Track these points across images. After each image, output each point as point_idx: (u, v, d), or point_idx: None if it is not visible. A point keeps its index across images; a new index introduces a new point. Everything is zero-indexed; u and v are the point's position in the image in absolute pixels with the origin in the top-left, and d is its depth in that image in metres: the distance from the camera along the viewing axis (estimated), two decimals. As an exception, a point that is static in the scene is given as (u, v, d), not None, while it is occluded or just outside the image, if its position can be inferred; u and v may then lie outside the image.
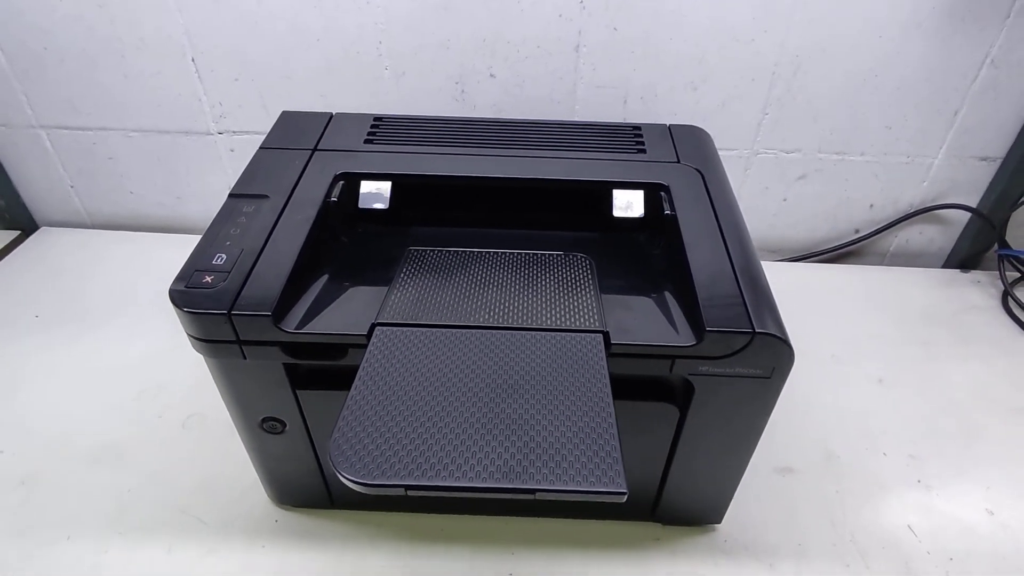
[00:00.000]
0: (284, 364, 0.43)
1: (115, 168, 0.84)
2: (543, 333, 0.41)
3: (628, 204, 0.52)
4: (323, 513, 0.56)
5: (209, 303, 0.40)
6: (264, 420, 0.47)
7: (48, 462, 0.59)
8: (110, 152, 0.83)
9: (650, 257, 0.51)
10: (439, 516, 0.56)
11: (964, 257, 0.87)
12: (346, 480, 0.31)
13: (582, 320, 0.42)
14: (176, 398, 0.65)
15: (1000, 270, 0.82)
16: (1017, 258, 0.82)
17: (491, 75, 0.75)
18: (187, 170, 0.84)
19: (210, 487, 0.57)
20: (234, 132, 0.80)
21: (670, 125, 0.60)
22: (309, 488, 0.53)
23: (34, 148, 0.83)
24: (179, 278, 0.42)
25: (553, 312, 0.43)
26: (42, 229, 0.89)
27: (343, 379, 0.40)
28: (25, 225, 0.89)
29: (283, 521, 0.55)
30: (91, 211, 0.89)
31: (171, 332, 0.70)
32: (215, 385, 0.47)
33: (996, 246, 0.83)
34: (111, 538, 0.53)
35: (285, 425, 0.48)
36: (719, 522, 0.55)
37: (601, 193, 0.52)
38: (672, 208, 0.50)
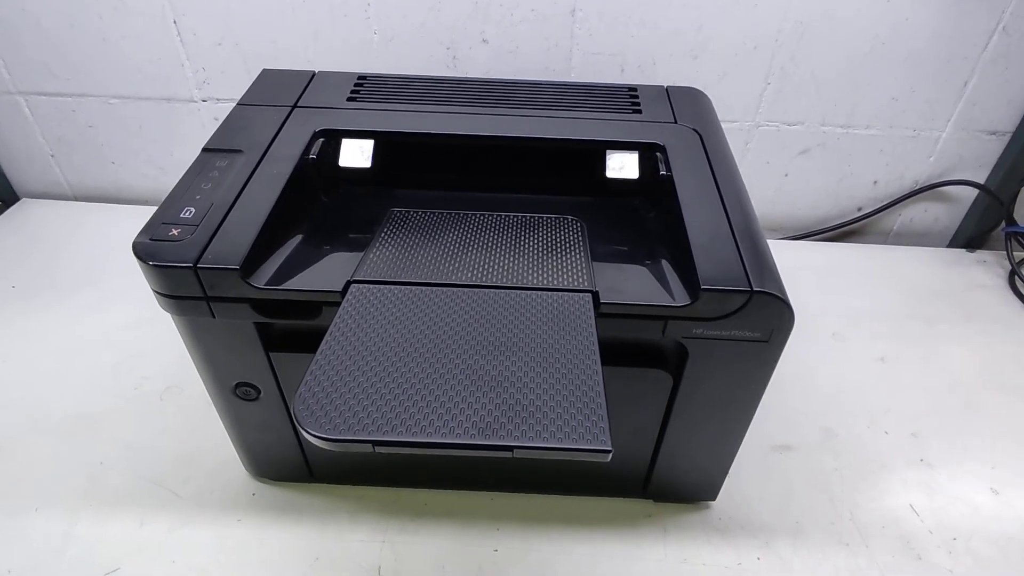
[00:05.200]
0: (255, 324, 0.41)
1: (95, 137, 0.82)
2: (528, 292, 0.39)
3: (622, 165, 0.50)
4: (302, 487, 0.54)
5: (174, 256, 0.38)
6: (237, 386, 0.45)
7: (20, 432, 0.57)
8: (90, 120, 0.80)
9: (644, 221, 0.49)
10: (422, 491, 0.53)
11: (970, 236, 0.84)
12: (309, 436, 0.29)
13: (570, 280, 0.40)
14: (154, 370, 0.63)
15: (1007, 249, 0.80)
16: (1025, 236, 0.80)
17: (483, 40, 0.72)
18: (169, 139, 0.82)
19: (186, 460, 0.55)
20: (218, 99, 0.78)
21: (667, 87, 0.58)
22: (287, 460, 0.51)
23: (12, 115, 0.80)
24: (144, 231, 0.40)
25: (540, 273, 0.41)
26: (22, 200, 0.87)
27: (318, 341, 0.38)
28: (5, 196, 0.87)
29: (260, 494, 0.53)
30: (72, 182, 0.87)
31: (150, 304, 0.67)
32: (190, 355, 0.44)
33: (1003, 224, 0.81)
34: (81, 510, 0.51)
35: (259, 391, 0.45)
36: (713, 499, 0.53)
37: (594, 153, 0.50)
38: (668, 169, 0.47)
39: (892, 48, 0.71)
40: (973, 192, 0.82)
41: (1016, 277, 0.78)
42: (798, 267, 0.77)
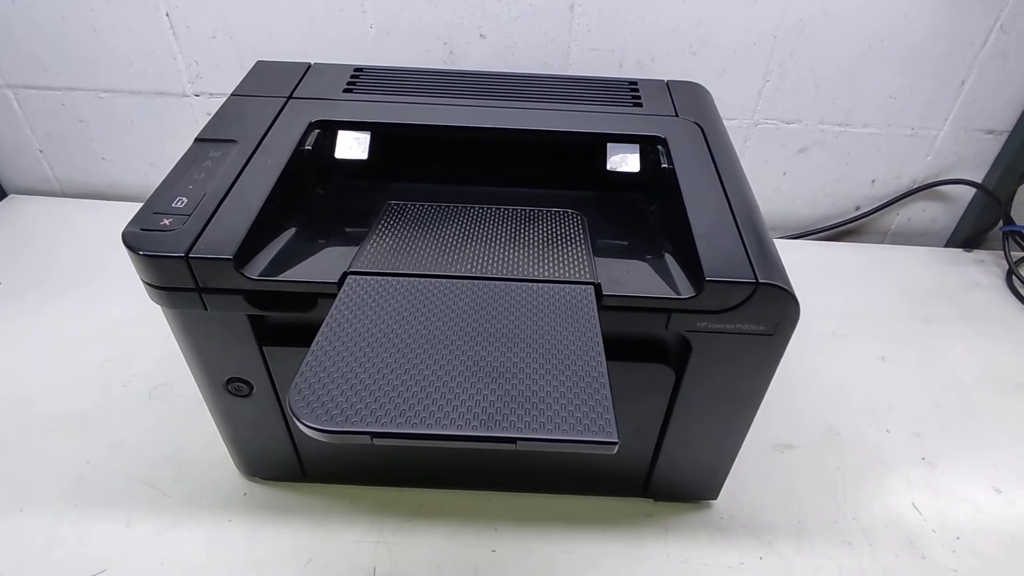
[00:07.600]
0: (249, 316, 0.39)
1: (85, 132, 0.80)
2: (530, 284, 0.38)
3: (623, 158, 0.49)
4: (295, 486, 0.52)
5: (165, 246, 0.37)
6: (229, 381, 0.44)
7: (5, 431, 0.55)
8: (80, 114, 0.79)
9: (645, 215, 0.48)
10: (418, 491, 0.52)
11: (967, 236, 0.84)
12: (305, 427, 0.28)
13: (572, 272, 0.39)
14: (143, 368, 0.62)
15: (1005, 248, 0.79)
16: (1023, 235, 0.80)
17: (481, 35, 0.72)
18: (161, 134, 0.80)
19: (176, 459, 0.54)
20: (211, 94, 0.77)
21: (668, 81, 0.57)
22: (280, 459, 0.50)
23: (1, 109, 0.79)
24: (134, 220, 0.38)
25: (541, 265, 0.40)
26: (10, 197, 0.85)
27: (312, 335, 0.37)
28: (-8, 192, 0.85)
29: (252, 494, 0.52)
30: (61, 178, 0.85)
31: (140, 301, 0.66)
32: (181, 350, 0.43)
33: (1001, 223, 0.80)
34: (67, 511, 0.50)
35: (252, 387, 0.44)
36: (715, 498, 0.52)
37: (595, 146, 0.49)
38: (670, 161, 0.47)
39: (890, 45, 0.71)
40: (971, 191, 0.82)
41: (1013, 276, 0.78)
42: (796, 266, 0.76)
